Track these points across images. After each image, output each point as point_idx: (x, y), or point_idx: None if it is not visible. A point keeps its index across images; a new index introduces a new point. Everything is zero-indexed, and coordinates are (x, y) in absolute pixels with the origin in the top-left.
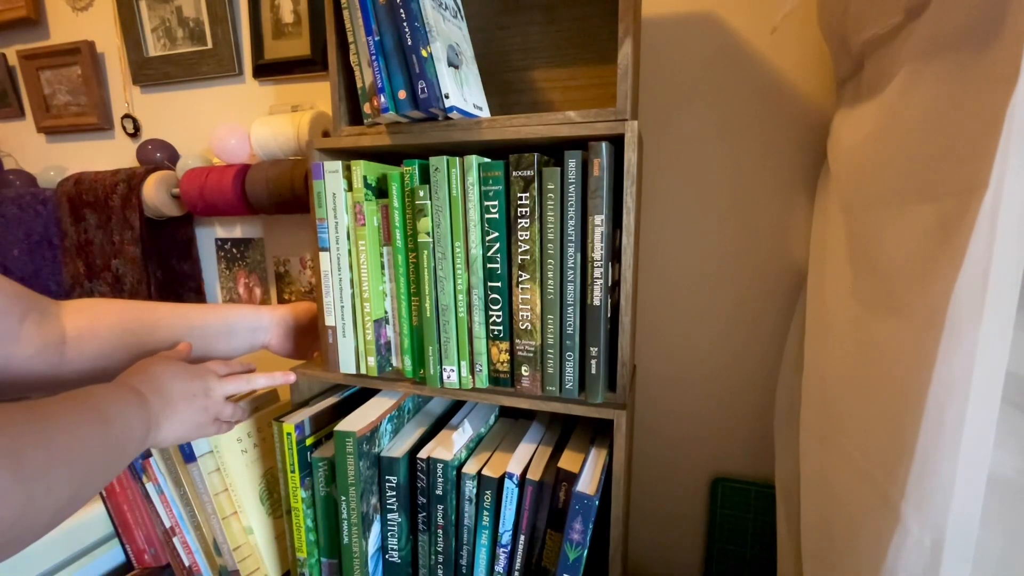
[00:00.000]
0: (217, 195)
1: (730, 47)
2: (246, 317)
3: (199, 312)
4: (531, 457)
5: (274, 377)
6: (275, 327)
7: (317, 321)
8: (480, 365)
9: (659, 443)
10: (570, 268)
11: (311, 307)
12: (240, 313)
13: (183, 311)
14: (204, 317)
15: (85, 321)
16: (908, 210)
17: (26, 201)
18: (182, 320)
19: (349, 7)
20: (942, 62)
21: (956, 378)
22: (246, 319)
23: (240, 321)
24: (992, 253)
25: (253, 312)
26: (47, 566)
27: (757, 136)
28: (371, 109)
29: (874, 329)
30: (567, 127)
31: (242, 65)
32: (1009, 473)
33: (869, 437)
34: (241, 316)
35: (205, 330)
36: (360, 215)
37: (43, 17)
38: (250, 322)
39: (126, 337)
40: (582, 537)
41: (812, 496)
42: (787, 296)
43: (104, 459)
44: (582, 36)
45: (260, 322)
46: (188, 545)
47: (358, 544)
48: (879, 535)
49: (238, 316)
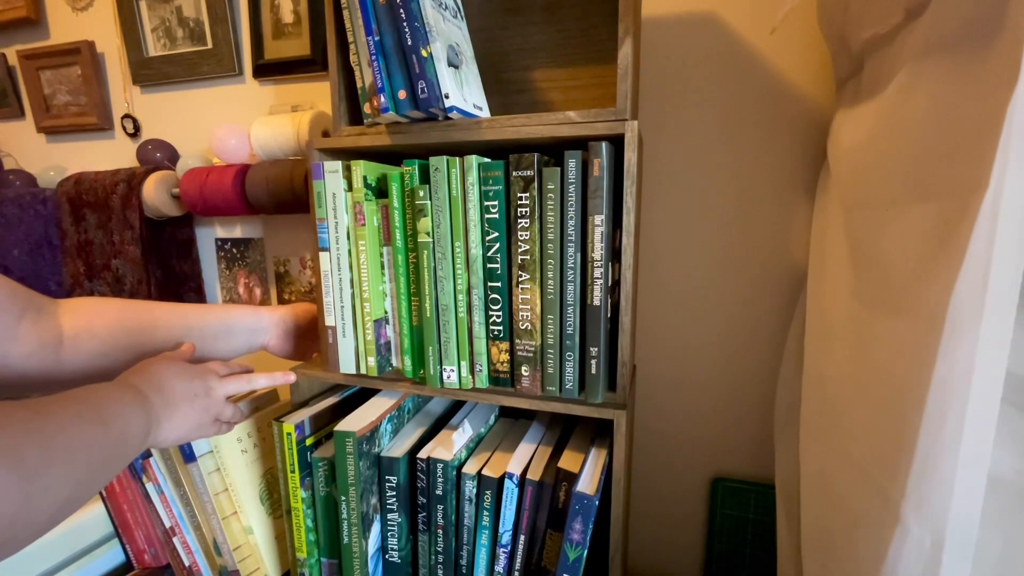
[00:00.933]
0: (217, 195)
1: (730, 47)
2: (245, 318)
3: (198, 312)
4: (531, 457)
5: (274, 377)
6: (274, 328)
7: (316, 322)
8: (480, 365)
9: (659, 443)
10: (570, 268)
11: (310, 308)
12: (239, 314)
13: (182, 311)
14: (203, 318)
15: (83, 320)
16: (908, 210)
17: (26, 201)
18: (181, 320)
19: (349, 7)
20: (942, 62)
21: (956, 378)
22: (245, 320)
23: (239, 322)
24: (992, 253)
25: (252, 313)
26: (47, 566)
27: (757, 136)
28: (371, 109)
29: (874, 329)
30: (567, 127)
31: (242, 65)
32: (1009, 473)
33: (869, 437)
34: (240, 317)
35: (204, 330)
36: (360, 215)
37: (43, 17)
38: (249, 323)
39: (124, 337)
40: (582, 537)
41: (812, 496)
42: (787, 296)
43: (103, 459)
44: (582, 36)
45: (260, 323)
46: (188, 545)
47: (358, 544)
48: (879, 535)
49: (237, 317)
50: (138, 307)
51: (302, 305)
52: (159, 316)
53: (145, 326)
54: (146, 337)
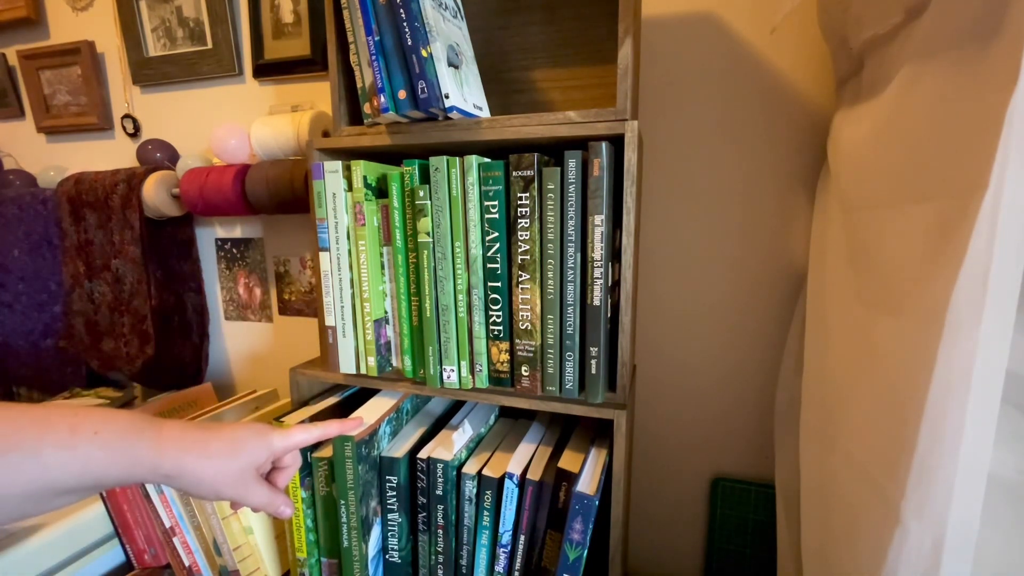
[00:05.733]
0: (217, 195)
1: (730, 47)
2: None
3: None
4: (531, 457)
5: (345, 425)
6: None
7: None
8: (480, 365)
9: (659, 443)
10: (570, 268)
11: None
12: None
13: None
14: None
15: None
16: (908, 210)
17: (26, 201)
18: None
19: (349, 7)
20: (942, 62)
21: (956, 378)
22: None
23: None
24: (992, 253)
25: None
26: (47, 566)
27: (757, 136)
28: (371, 109)
29: (874, 329)
30: (567, 127)
31: (242, 65)
32: (1009, 473)
33: (869, 437)
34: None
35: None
36: (360, 215)
37: (43, 17)
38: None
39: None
40: (582, 537)
41: (812, 496)
42: (787, 296)
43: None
44: (582, 36)
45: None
46: (188, 545)
47: (358, 548)
48: (879, 535)
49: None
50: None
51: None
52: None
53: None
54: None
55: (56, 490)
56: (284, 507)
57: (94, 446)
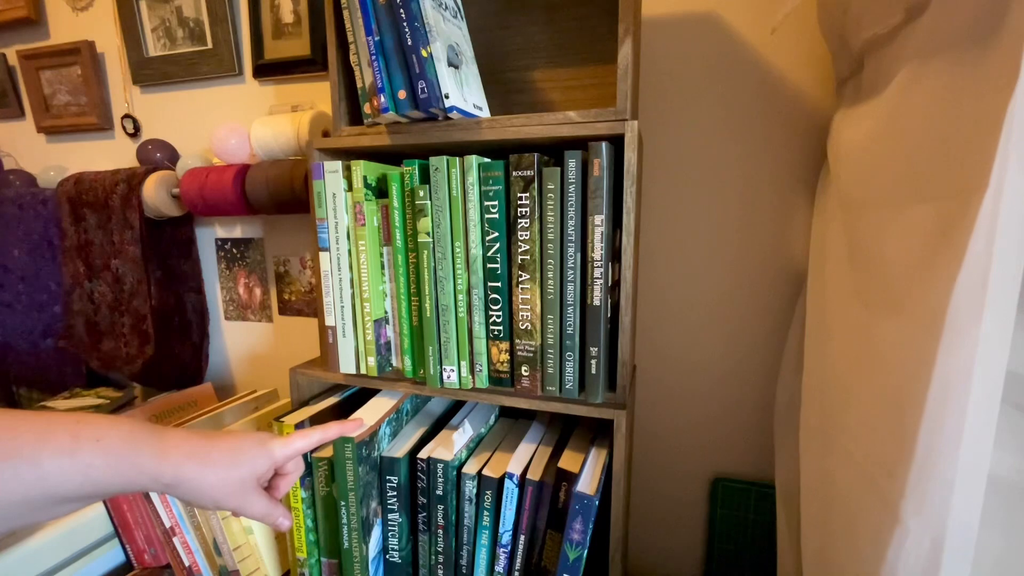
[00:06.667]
0: (217, 195)
1: (730, 47)
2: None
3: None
4: (531, 457)
5: (344, 427)
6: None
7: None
8: (480, 365)
9: (659, 443)
10: (570, 268)
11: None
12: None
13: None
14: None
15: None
16: (908, 210)
17: (26, 201)
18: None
19: (349, 7)
20: (942, 62)
21: (956, 378)
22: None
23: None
24: (992, 253)
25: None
26: (47, 566)
27: (757, 136)
28: (371, 109)
29: (874, 329)
30: (567, 127)
31: (242, 65)
32: (1009, 473)
33: (869, 437)
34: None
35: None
36: (360, 215)
37: (43, 17)
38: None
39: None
40: (582, 537)
41: (812, 496)
42: (787, 296)
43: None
44: (582, 36)
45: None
46: (188, 545)
47: (358, 549)
48: (879, 535)
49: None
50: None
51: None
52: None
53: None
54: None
55: (56, 498)
56: (283, 519)
57: (96, 453)
